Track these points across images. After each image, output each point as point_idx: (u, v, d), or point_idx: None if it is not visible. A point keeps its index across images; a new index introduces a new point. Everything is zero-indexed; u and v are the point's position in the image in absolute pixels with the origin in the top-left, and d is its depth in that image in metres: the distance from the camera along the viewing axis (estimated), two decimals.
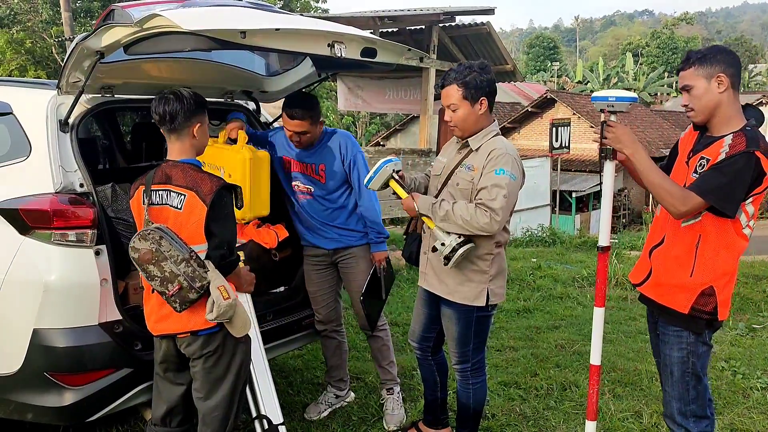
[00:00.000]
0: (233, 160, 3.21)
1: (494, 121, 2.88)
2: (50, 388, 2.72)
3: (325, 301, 3.59)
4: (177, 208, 2.48)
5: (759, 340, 5.03)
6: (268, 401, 2.91)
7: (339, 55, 2.73)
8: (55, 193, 2.73)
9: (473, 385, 3.03)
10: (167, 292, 2.42)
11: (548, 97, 24.75)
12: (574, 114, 23.05)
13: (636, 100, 2.54)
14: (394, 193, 2.92)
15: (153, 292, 2.49)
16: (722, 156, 2.29)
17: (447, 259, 2.76)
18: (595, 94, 2.56)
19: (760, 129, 2.38)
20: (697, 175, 2.36)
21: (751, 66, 56.35)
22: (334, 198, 3.44)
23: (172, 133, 2.56)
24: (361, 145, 3.69)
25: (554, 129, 13.38)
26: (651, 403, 3.77)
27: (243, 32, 2.36)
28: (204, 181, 2.47)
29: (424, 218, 2.87)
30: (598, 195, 25.86)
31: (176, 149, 2.58)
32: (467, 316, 2.90)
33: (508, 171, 2.69)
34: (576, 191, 20.76)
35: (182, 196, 2.47)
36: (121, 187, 3.81)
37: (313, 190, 3.44)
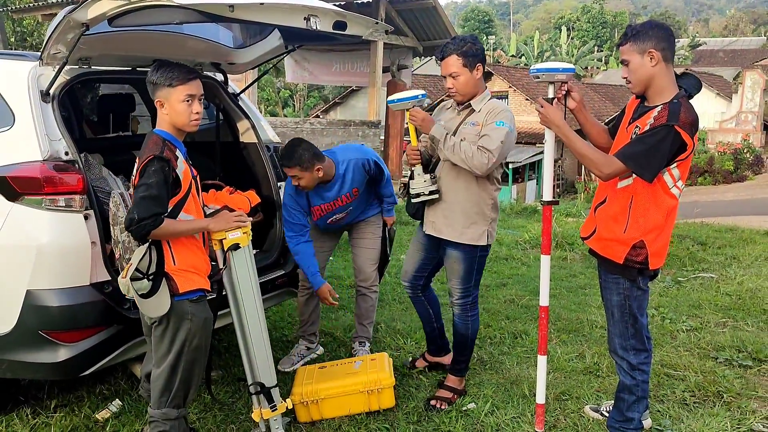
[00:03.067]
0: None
1: (486, 87, 3.30)
2: (45, 345, 2.85)
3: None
4: (133, 175, 2.57)
5: (683, 291, 5.56)
6: (263, 366, 3.01)
7: (314, 27, 2.91)
8: (43, 160, 2.83)
9: (471, 317, 3.43)
10: (116, 255, 2.54)
11: (485, 70, 25.18)
12: (510, 87, 23.59)
13: (573, 70, 2.89)
14: (406, 129, 3.38)
15: None
16: (647, 127, 2.56)
17: (416, 195, 3.28)
18: (537, 66, 2.82)
19: (697, 95, 2.68)
20: None
21: None
22: (366, 200, 3.85)
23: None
24: (299, 118, 3.94)
25: None
26: (592, 345, 4.19)
27: (231, 6, 2.48)
28: (146, 151, 2.49)
29: (413, 158, 3.31)
30: (533, 166, 26.09)
31: (157, 119, 2.63)
32: (471, 256, 3.30)
33: (507, 123, 3.12)
34: (513, 162, 21.34)
35: (135, 165, 2.54)
36: (93, 157, 3.90)
37: (350, 210, 3.78)
